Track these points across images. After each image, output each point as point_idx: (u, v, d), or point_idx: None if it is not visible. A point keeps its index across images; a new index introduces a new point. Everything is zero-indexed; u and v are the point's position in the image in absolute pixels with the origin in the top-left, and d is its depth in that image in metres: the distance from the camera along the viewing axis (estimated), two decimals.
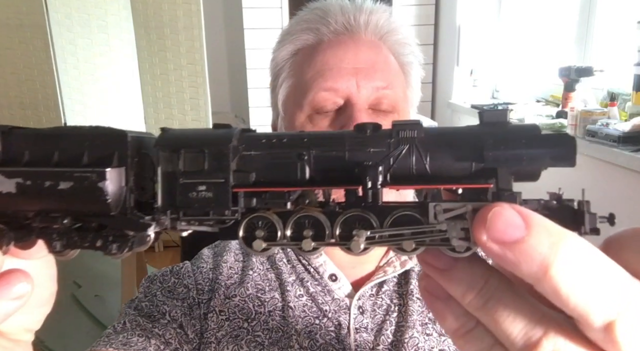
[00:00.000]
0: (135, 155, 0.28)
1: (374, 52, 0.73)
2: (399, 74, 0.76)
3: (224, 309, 0.73)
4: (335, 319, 0.72)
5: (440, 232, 0.26)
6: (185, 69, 3.82)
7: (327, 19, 0.73)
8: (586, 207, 0.26)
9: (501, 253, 0.23)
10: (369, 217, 0.27)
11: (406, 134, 0.28)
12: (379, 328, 0.72)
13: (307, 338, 0.71)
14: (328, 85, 0.70)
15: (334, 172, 0.28)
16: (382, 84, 0.70)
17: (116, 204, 0.27)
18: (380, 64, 0.72)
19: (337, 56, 0.71)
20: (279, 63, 0.78)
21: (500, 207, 0.24)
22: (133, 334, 0.68)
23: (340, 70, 0.70)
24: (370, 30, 0.74)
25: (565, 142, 0.27)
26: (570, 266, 0.22)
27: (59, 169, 0.27)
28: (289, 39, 0.76)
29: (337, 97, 0.70)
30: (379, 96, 0.71)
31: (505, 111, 0.28)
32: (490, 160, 0.27)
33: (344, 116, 0.69)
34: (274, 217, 0.28)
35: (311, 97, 0.70)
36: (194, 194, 0.27)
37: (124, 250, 0.28)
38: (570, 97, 2.38)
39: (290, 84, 0.76)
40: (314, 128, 0.71)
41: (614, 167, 1.93)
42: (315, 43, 0.74)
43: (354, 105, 0.69)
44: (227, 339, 0.71)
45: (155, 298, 0.74)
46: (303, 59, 0.75)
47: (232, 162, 0.28)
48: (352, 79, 0.70)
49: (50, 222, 0.28)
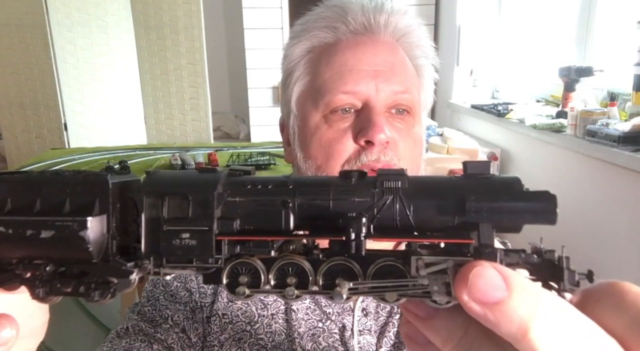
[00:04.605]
0: (117, 201, 0.28)
1: (392, 54, 0.72)
2: (415, 77, 0.75)
3: (226, 312, 0.73)
4: (339, 321, 0.72)
5: (422, 285, 0.26)
6: (185, 69, 3.82)
7: (347, 18, 0.72)
8: (566, 263, 0.26)
9: (482, 313, 0.24)
10: (352, 266, 0.27)
11: (390, 185, 0.28)
12: (382, 330, 0.72)
13: (310, 340, 0.71)
14: (347, 88, 0.69)
15: (318, 220, 0.28)
16: (400, 88, 0.70)
17: (98, 252, 0.27)
18: (397, 67, 0.71)
19: (356, 57, 0.70)
20: (293, 59, 0.76)
21: (482, 267, 0.24)
22: (136, 339, 0.68)
23: (359, 72, 0.69)
24: (389, 32, 0.73)
25: (546, 199, 0.27)
26: (549, 329, 0.23)
27: (41, 218, 0.27)
28: (305, 35, 0.74)
29: (356, 99, 0.69)
30: (397, 100, 0.70)
31: (488, 163, 0.29)
32: (472, 213, 0.27)
33: (363, 119, 0.68)
34: (257, 263, 0.28)
35: (329, 99, 0.69)
36: (177, 241, 0.27)
37: (107, 296, 0.27)
38: (570, 97, 2.38)
39: (305, 82, 0.74)
40: (329, 129, 0.70)
41: (614, 167, 1.93)
42: (334, 42, 0.72)
43: (373, 109, 0.68)
44: (230, 342, 0.71)
45: (157, 302, 0.74)
46: (320, 58, 0.73)
47: (217, 209, 0.28)
48: (371, 82, 0.69)
49: (33, 269, 0.28)
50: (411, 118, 0.72)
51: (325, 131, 0.70)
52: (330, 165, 0.69)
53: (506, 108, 2.76)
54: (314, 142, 0.71)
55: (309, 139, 0.72)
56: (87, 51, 3.68)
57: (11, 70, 3.57)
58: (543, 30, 2.93)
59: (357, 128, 0.69)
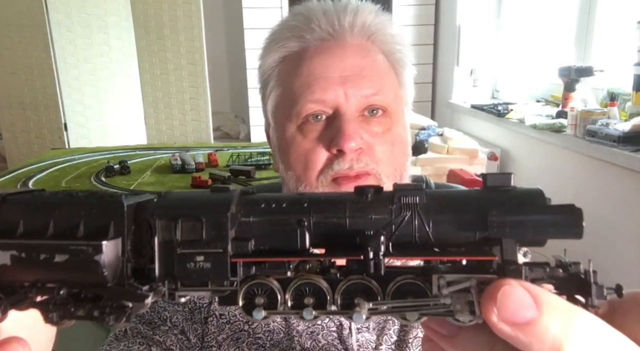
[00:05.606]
0: (131, 223, 0.28)
1: (360, 57, 0.70)
2: (390, 75, 0.74)
3: (224, 312, 0.73)
4: (336, 319, 0.72)
5: (444, 304, 0.25)
6: (185, 69, 3.82)
7: (311, 26, 0.71)
8: (593, 278, 0.25)
9: (513, 335, 0.23)
10: (371, 285, 0.27)
11: (408, 200, 0.27)
12: (381, 327, 0.72)
13: (309, 338, 0.71)
14: (315, 96, 0.68)
15: (335, 238, 0.28)
16: (370, 91, 0.68)
17: (113, 276, 0.27)
18: (367, 70, 0.70)
19: (323, 64, 0.69)
20: (266, 71, 0.76)
21: (510, 286, 0.23)
22: (134, 342, 0.68)
23: (327, 79, 0.68)
24: (357, 32, 0.71)
25: (572, 213, 0.26)
26: (582, 346, 0.22)
27: (54, 242, 0.27)
28: (274, 46, 0.74)
29: (326, 107, 0.69)
30: (369, 103, 0.69)
31: (509, 175, 0.28)
32: (495, 228, 0.26)
33: (334, 127, 0.68)
34: (274, 284, 0.27)
35: (299, 109, 0.69)
36: (191, 265, 0.27)
37: (122, 320, 0.27)
38: (570, 97, 2.38)
39: (278, 93, 0.74)
40: (304, 139, 0.70)
41: (614, 167, 1.93)
42: (301, 50, 0.72)
43: (343, 116, 0.67)
44: (228, 342, 0.71)
45: (156, 305, 0.74)
46: (289, 68, 0.72)
47: (231, 231, 0.27)
48: (339, 89, 0.68)
49: (46, 293, 0.28)
50: (388, 119, 0.70)
51: (300, 142, 0.70)
52: (307, 175, 0.69)
53: (506, 108, 2.76)
54: (291, 154, 0.71)
55: (288, 150, 0.71)
56: (87, 51, 3.68)
57: (11, 70, 3.57)
58: (543, 30, 2.93)
59: (328, 137, 0.68)
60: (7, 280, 0.28)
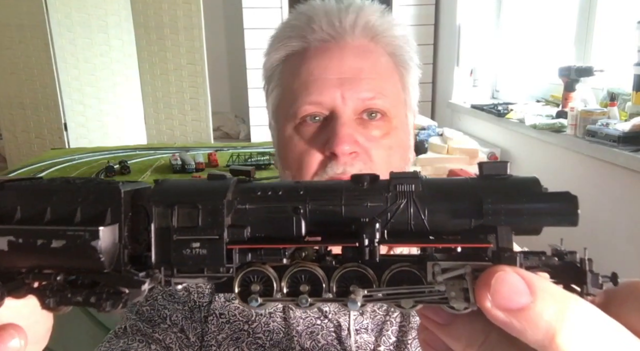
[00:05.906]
0: (129, 209, 0.28)
1: (361, 58, 0.69)
2: (392, 77, 0.73)
3: (224, 312, 0.73)
4: (335, 320, 0.72)
5: (439, 291, 0.25)
6: (185, 68, 3.82)
7: (312, 26, 0.70)
8: (589, 266, 0.25)
9: (507, 321, 0.23)
10: (366, 273, 0.27)
11: (404, 188, 0.27)
12: (380, 328, 0.72)
13: (308, 338, 0.71)
14: (312, 98, 0.67)
15: (330, 226, 0.28)
16: (369, 94, 0.68)
17: (110, 262, 0.27)
18: (366, 72, 0.69)
19: (321, 66, 0.68)
20: (268, 69, 0.76)
21: (504, 272, 0.23)
22: (134, 340, 0.68)
23: (324, 81, 0.68)
24: (359, 33, 0.70)
25: (567, 200, 0.26)
26: (577, 333, 0.22)
27: (52, 227, 0.27)
28: (277, 45, 0.74)
29: (322, 109, 0.68)
30: (367, 106, 0.68)
31: (505, 164, 0.28)
32: (490, 216, 0.26)
33: (329, 130, 0.67)
34: (270, 271, 0.27)
35: (295, 109, 0.69)
36: (188, 251, 0.27)
37: (118, 306, 0.27)
38: (570, 97, 2.38)
39: (278, 93, 0.74)
40: (300, 140, 0.69)
41: (614, 167, 1.93)
42: (302, 50, 0.71)
43: (338, 119, 0.67)
44: (228, 342, 0.71)
45: (156, 302, 0.74)
46: (290, 68, 0.72)
47: (227, 217, 0.27)
48: (336, 91, 0.67)
49: (43, 279, 0.28)
50: (387, 123, 0.69)
51: (297, 142, 0.70)
52: (302, 176, 0.69)
53: (506, 108, 2.76)
54: (288, 153, 0.71)
55: (285, 150, 0.71)
56: (87, 51, 3.68)
57: (11, 70, 3.57)
58: (543, 30, 2.93)
59: (323, 139, 0.68)
60: (5, 266, 0.28)
